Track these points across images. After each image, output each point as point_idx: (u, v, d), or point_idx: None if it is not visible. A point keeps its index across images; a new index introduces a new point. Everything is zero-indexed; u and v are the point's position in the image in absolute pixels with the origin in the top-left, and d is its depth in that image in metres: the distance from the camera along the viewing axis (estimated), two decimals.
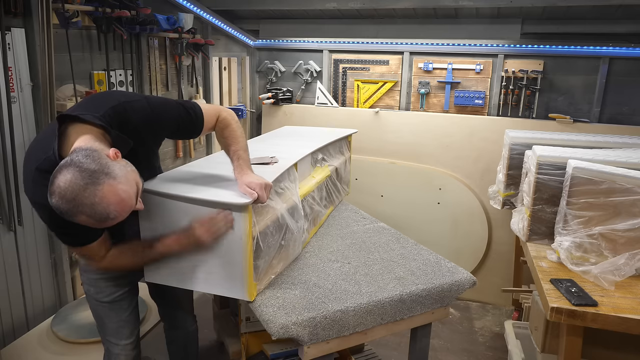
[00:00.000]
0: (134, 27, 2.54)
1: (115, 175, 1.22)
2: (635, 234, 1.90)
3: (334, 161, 2.51)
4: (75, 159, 1.20)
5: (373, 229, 2.31)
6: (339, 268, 1.89)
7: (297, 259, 1.94)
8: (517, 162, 2.63)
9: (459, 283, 1.83)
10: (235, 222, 1.50)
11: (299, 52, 3.84)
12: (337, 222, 2.39)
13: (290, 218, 1.79)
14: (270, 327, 1.51)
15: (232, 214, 1.50)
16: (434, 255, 2.02)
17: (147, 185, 1.58)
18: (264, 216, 1.64)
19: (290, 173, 1.90)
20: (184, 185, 1.61)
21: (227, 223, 1.51)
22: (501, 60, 3.31)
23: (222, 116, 1.64)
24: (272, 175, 1.69)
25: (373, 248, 2.09)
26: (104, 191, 1.19)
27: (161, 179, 1.68)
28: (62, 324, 2.09)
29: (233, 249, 1.53)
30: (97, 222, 1.23)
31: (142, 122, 1.44)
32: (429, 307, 1.78)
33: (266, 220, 1.65)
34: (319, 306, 1.60)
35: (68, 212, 1.20)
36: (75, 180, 1.17)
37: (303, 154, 2.08)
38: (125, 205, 1.24)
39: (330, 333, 1.58)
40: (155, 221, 1.59)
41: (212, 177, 1.73)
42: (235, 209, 1.49)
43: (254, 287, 1.60)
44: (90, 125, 1.32)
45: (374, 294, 1.69)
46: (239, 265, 1.54)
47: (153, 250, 1.55)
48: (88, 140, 1.29)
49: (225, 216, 1.50)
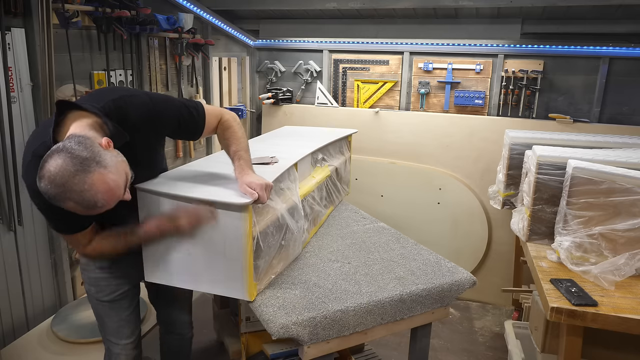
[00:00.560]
0: (134, 27, 2.54)
1: (106, 164, 1.23)
2: (635, 234, 1.90)
3: (334, 161, 2.51)
4: (68, 145, 1.20)
5: (373, 228, 2.31)
6: (339, 268, 1.89)
7: (297, 259, 1.94)
8: (517, 162, 2.63)
9: (459, 283, 1.83)
10: (235, 222, 1.50)
11: (299, 52, 3.84)
12: (337, 222, 2.39)
13: (291, 218, 1.79)
14: (271, 327, 1.51)
15: (217, 211, 1.50)
16: (434, 255, 2.02)
17: (147, 184, 1.58)
18: (264, 216, 1.64)
19: (291, 173, 1.90)
20: (183, 184, 1.61)
21: (210, 216, 1.51)
22: (501, 60, 3.31)
23: (224, 118, 1.64)
24: (272, 176, 1.69)
25: (373, 248, 2.09)
26: (93, 179, 1.20)
27: (161, 178, 1.68)
28: (62, 324, 2.09)
29: (233, 249, 1.53)
30: (84, 210, 1.24)
31: (143, 117, 1.45)
32: (429, 307, 1.79)
33: (266, 220, 1.65)
34: (319, 306, 1.60)
35: (56, 197, 1.20)
36: (66, 166, 1.18)
37: (303, 154, 2.08)
38: (113, 195, 1.25)
39: (330, 333, 1.58)
40: None
41: (212, 177, 1.73)
42: (235, 209, 1.49)
43: (254, 287, 1.60)
44: (89, 114, 1.33)
45: (374, 294, 1.70)
46: (239, 265, 1.54)
47: (134, 235, 1.55)
48: (83, 127, 1.29)
49: (211, 210, 1.51)
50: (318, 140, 2.40)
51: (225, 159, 1.68)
